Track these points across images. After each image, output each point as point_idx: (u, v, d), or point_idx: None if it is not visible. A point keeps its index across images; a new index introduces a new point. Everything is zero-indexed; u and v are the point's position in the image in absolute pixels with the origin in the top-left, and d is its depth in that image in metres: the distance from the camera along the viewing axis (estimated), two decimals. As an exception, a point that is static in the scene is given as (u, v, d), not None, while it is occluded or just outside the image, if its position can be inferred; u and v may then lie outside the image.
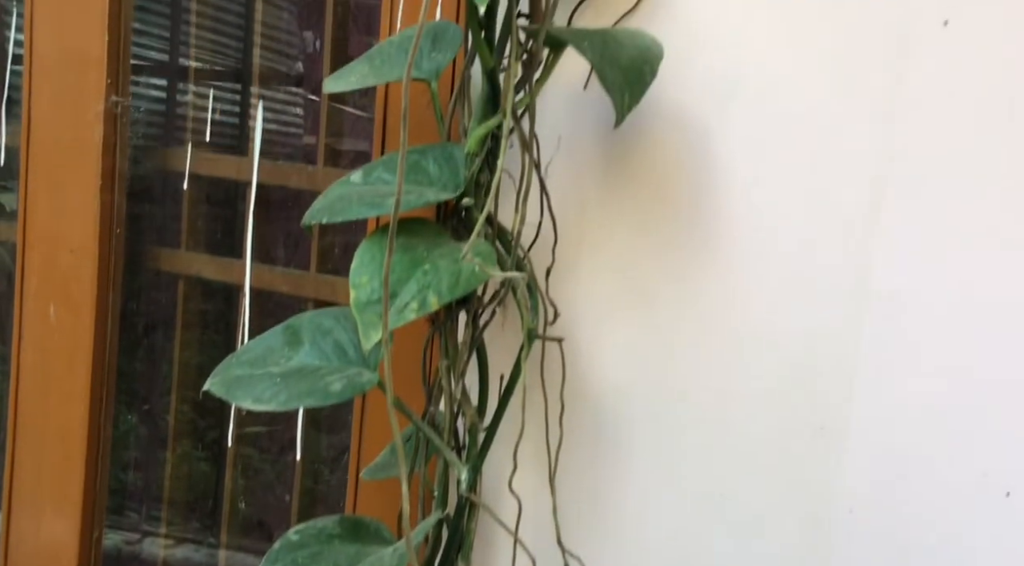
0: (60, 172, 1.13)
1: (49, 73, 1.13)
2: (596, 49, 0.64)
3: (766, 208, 0.69)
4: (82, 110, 1.10)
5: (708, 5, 0.71)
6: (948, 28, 0.59)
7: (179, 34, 1.30)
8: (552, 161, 0.75)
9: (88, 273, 1.10)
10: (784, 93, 0.67)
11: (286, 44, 1.31)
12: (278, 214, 1.16)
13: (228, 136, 1.23)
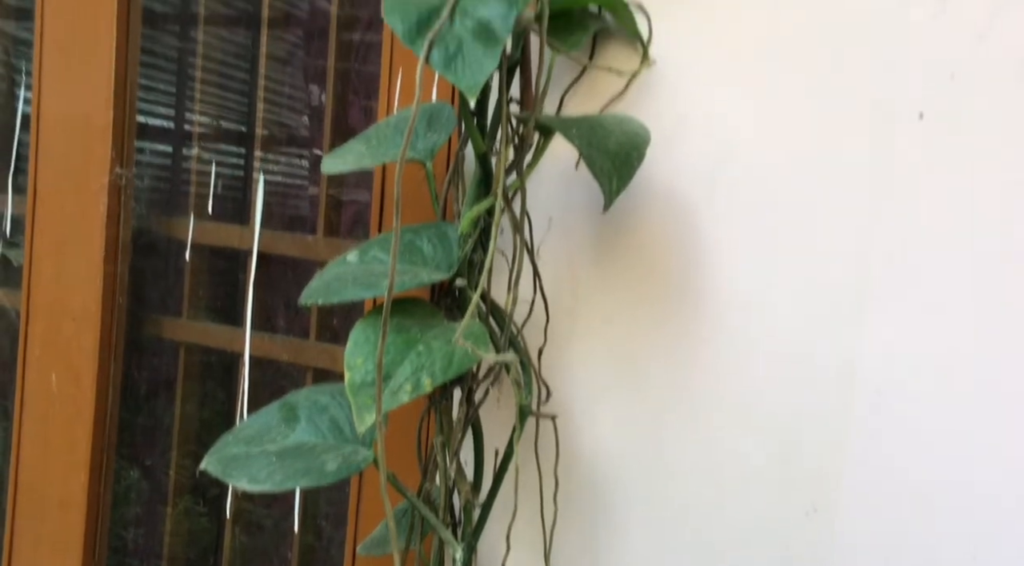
0: (64, 242, 1.15)
1: (55, 146, 1.16)
2: (584, 136, 0.65)
3: (754, 287, 0.70)
4: (87, 182, 1.13)
5: (694, 89, 0.73)
6: (923, 120, 0.61)
7: (184, 93, 1.33)
8: (544, 241, 0.76)
9: (90, 342, 1.11)
10: (769, 176, 0.69)
11: (290, 98, 1.34)
12: (278, 282, 1.18)
13: (232, 187, 1.25)
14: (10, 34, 1.49)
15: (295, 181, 1.32)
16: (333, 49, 1.15)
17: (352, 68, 1.19)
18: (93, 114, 1.12)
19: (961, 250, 0.62)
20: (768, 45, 0.69)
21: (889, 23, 0.64)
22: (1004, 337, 0.61)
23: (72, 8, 1.15)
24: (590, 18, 0.75)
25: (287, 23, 1.30)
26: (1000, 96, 0.60)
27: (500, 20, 0.60)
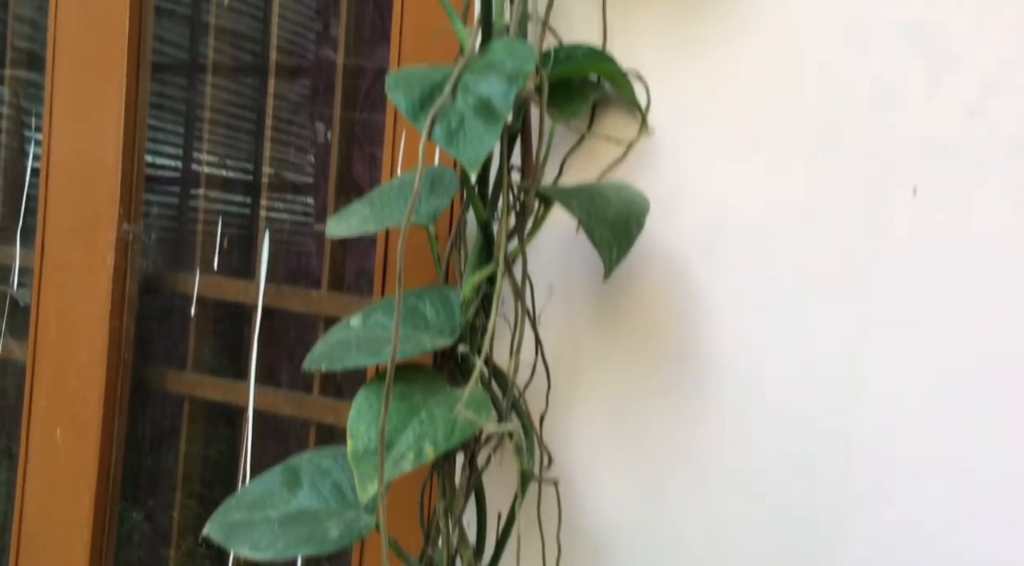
0: (71, 296, 1.16)
1: (63, 201, 1.17)
2: (584, 206, 0.66)
3: (753, 354, 0.70)
4: (94, 238, 1.14)
5: (692, 157, 0.74)
6: (917, 196, 0.62)
7: (192, 142, 1.35)
8: (545, 308, 0.77)
9: (95, 397, 1.12)
10: (766, 245, 0.70)
11: (297, 146, 1.36)
12: (282, 336, 1.18)
13: (239, 238, 1.26)
14: (22, 82, 1.52)
15: (300, 229, 1.34)
16: (339, 98, 1.17)
17: (358, 117, 1.21)
18: (101, 171, 1.14)
19: (957, 321, 0.62)
20: (765, 116, 0.70)
21: (883, 100, 0.65)
22: (1003, 406, 0.61)
23: (82, 59, 1.17)
24: (590, 87, 0.77)
25: (294, 72, 1.32)
26: (992, 172, 0.61)
27: (501, 97, 0.62)
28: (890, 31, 0.65)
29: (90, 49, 1.17)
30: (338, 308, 1.11)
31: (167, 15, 1.31)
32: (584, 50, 0.76)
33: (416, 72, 0.66)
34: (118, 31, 1.15)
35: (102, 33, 1.16)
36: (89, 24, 1.17)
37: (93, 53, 1.17)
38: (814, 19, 0.68)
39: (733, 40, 0.72)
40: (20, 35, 1.50)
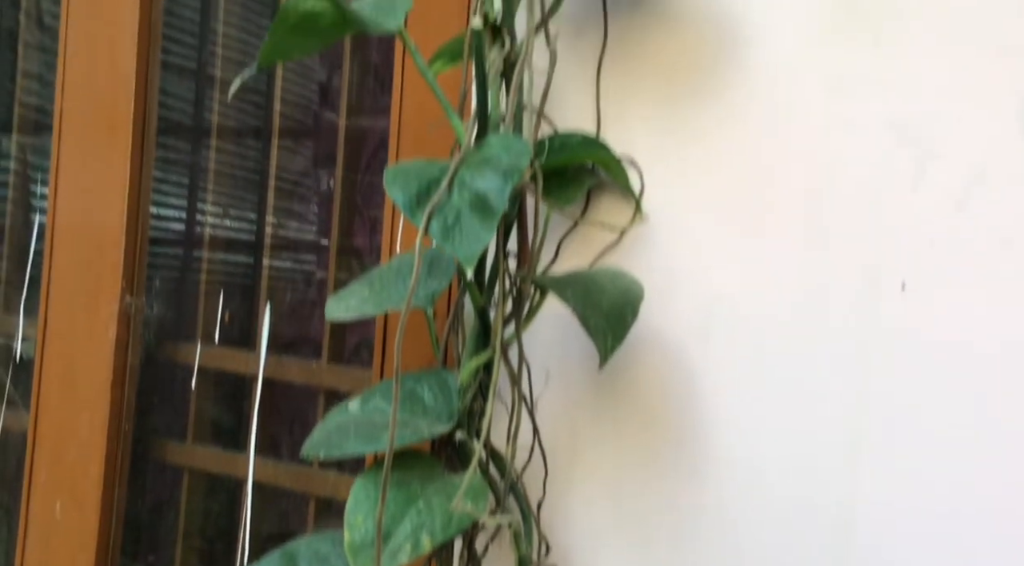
0: (73, 368, 1.17)
1: (67, 273, 1.18)
2: (579, 297, 0.67)
3: (751, 438, 0.70)
4: (97, 310, 1.15)
5: (685, 241, 0.75)
6: (906, 290, 0.63)
7: (195, 205, 1.36)
8: (542, 394, 0.78)
9: (95, 470, 1.12)
10: (760, 330, 0.71)
11: (300, 199, 1.37)
12: (283, 407, 1.19)
13: (240, 311, 1.27)
14: (30, 146, 1.55)
15: (303, 292, 1.34)
16: (340, 160, 1.18)
17: (360, 180, 1.23)
18: (106, 243, 1.16)
19: (950, 410, 0.63)
20: (756, 204, 0.72)
21: (871, 192, 0.66)
22: (998, 481, 0.61)
23: (88, 127, 1.19)
24: (585, 173, 0.78)
25: (297, 135, 1.34)
26: (979, 264, 0.62)
27: (496, 193, 0.63)
28: (875, 123, 0.67)
29: (96, 117, 1.19)
30: (338, 380, 1.11)
31: (174, 70, 1.33)
32: (578, 137, 0.78)
33: (413, 167, 0.67)
34: (123, 99, 1.17)
35: (108, 101, 1.19)
36: (95, 90, 1.20)
37: (99, 121, 1.19)
38: (800, 109, 0.70)
39: (723, 127, 0.74)
40: (28, 91, 1.53)
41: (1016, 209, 0.61)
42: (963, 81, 0.64)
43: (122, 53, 1.18)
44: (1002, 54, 0.62)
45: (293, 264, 1.34)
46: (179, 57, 1.33)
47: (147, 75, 1.19)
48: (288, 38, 0.70)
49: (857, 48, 0.68)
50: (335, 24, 0.69)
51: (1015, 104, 0.61)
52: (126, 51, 1.18)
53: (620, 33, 0.79)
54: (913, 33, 0.66)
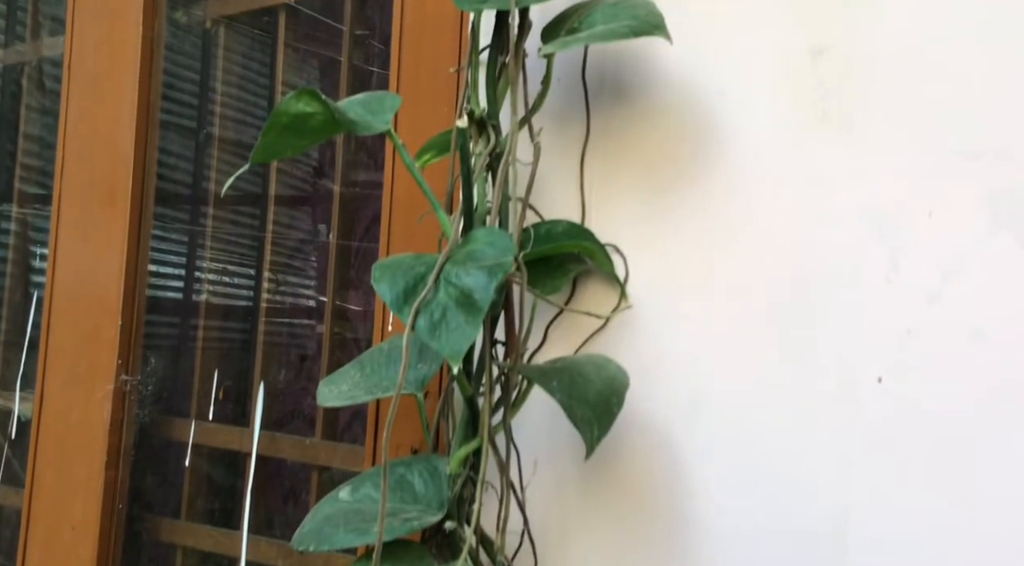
0: (67, 448, 1.17)
1: (63, 353, 1.20)
2: (564, 388, 0.68)
3: (739, 524, 0.71)
4: (92, 389, 1.16)
5: (669, 326, 0.76)
6: (883, 383, 0.64)
7: (192, 274, 1.38)
8: (531, 481, 0.78)
9: (88, 553, 1.11)
10: (743, 414, 0.72)
11: (298, 252, 1.38)
12: (277, 484, 1.19)
13: (236, 389, 1.27)
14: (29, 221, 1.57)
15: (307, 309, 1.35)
16: (335, 224, 1.20)
17: (356, 246, 1.24)
18: (103, 323, 1.17)
19: (928, 499, 0.64)
20: (737, 291, 0.73)
21: (847, 283, 0.68)
22: (979, 556, 0.62)
23: (87, 207, 1.21)
24: (570, 261, 0.80)
25: (294, 202, 1.36)
26: (953, 358, 0.63)
27: (481, 290, 0.65)
28: (849, 216, 0.69)
29: (95, 192, 1.22)
30: (332, 457, 1.12)
31: (172, 131, 1.35)
32: (563, 225, 0.80)
33: (401, 262, 0.69)
34: (122, 176, 1.19)
35: (107, 178, 1.21)
36: (94, 166, 1.22)
37: (98, 196, 1.21)
38: (777, 201, 0.72)
39: (704, 216, 0.76)
40: (29, 153, 1.56)
41: (987, 304, 0.62)
42: (933, 178, 0.66)
43: (121, 132, 1.21)
44: (972, 154, 0.64)
45: (288, 338, 1.36)
46: (178, 129, 1.36)
47: (145, 152, 1.22)
48: (280, 138, 0.72)
49: (830, 142, 0.70)
50: (326, 125, 0.72)
51: (985, 202, 0.63)
52: (125, 130, 1.21)
53: (602, 125, 0.81)
54: (884, 130, 0.68)
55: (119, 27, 1.22)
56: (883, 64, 0.68)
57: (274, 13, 1.23)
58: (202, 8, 1.28)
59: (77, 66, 1.26)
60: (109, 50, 1.23)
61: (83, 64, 1.26)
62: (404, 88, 0.95)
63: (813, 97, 0.71)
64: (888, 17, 0.68)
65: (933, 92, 0.67)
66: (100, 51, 1.24)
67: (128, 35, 1.21)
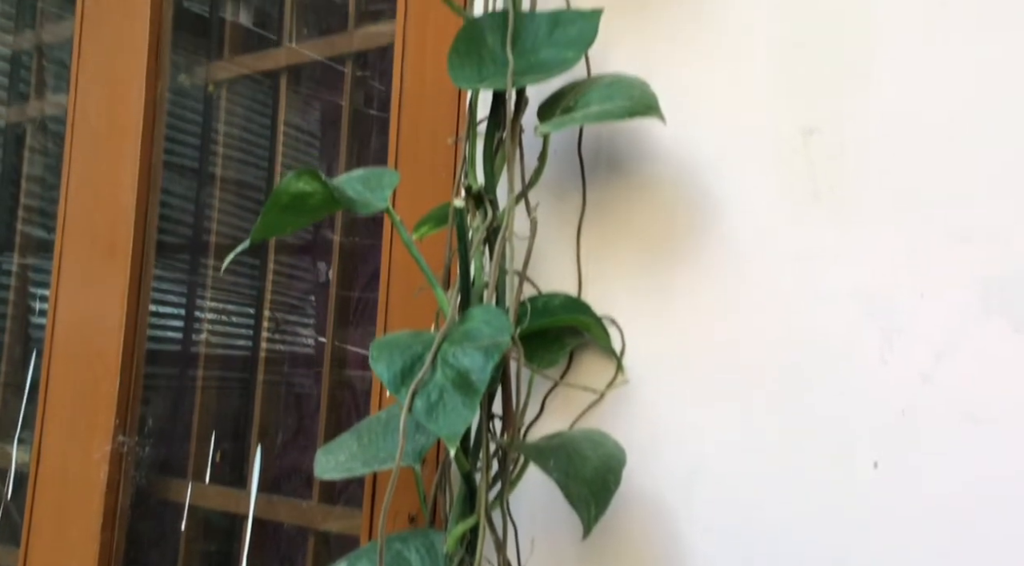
0: (64, 508, 1.16)
1: (61, 411, 1.20)
2: (561, 467, 0.69)
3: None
4: (90, 450, 1.16)
5: (666, 399, 0.77)
6: (878, 468, 0.65)
7: (191, 325, 1.38)
8: (528, 559, 0.78)
9: (82, 617, 1.11)
10: (742, 491, 0.72)
11: (299, 303, 1.38)
12: (273, 547, 1.18)
13: (232, 452, 1.27)
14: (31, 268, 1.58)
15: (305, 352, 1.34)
16: (335, 277, 1.21)
17: (356, 297, 1.24)
18: (102, 382, 1.17)
19: None
20: (733, 365, 0.74)
21: (842, 362, 0.68)
22: None
23: (88, 262, 1.22)
24: (568, 334, 0.81)
25: (292, 250, 1.36)
26: (947, 439, 0.63)
27: (478, 372, 0.65)
28: (842, 295, 0.69)
29: (96, 247, 1.23)
30: (328, 520, 1.11)
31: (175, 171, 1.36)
32: (560, 298, 0.80)
33: (399, 341, 0.70)
34: (123, 232, 1.20)
35: (108, 235, 1.22)
36: (95, 224, 1.23)
37: (99, 250, 1.22)
38: (771, 278, 0.73)
39: (698, 291, 0.76)
40: (31, 194, 1.57)
41: (980, 387, 0.63)
42: (925, 259, 0.66)
43: (123, 192, 1.22)
44: (962, 237, 0.65)
45: (287, 394, 1.35)
46: (181, 171, 1.37)
47: (147, 212, 1.23)
48: (280, 217, 0.73)
49: (822, 221, 0.71)
50: (325, 203, 0.73)
51: (976, 285, 0.64)
52: (127, 190, 1.22)
53: (598, 197, 0.82)
54: (875, 210, 0.69)
55: (122, 89, 1.24)
56: (873, 145, 0.69)
57: (276, 77, 1.25)
58: (204, 70, 1.30)
59: (80, 126, 1.28)
60: (112, 112, 1.24)
61: (86, 124, 1.27)
62: (403, 157, 0.96)
63: (805, 176, 0.72)
64: (877, 99, 0.70)
65: (923, 174, 0.68)
66: (103, 112, 1.26)
67: (131, 97, 1.23)
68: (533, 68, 0.76)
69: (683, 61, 0.78)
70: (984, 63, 0.66)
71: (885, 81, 0.70)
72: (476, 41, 0.78)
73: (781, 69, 0.74)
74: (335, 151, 1.27)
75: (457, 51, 0.78)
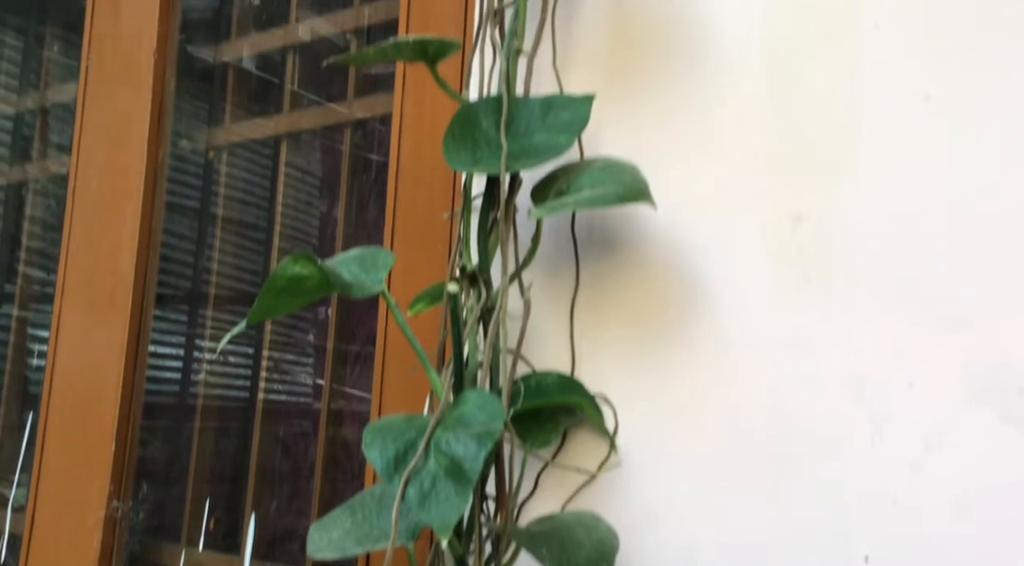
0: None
1: (56, 476, 1.19)
2: (555, 556, 0.69)
3: None
4: (84, 516, 1.16)
5: (659, 480, 0.77)
6: (869, 563, 0.65)
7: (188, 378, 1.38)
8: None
9: None
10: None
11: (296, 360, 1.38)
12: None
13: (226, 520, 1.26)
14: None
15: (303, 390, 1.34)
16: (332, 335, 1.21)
17: (352, 351, 1.25)
18: (96, 451, 1.17)
19: None
20: (725, 448, 0.74)
21: (832, 449, 0.69)
22: None
23: (87, 310, 1.23)
24: (561, 413, 0.81)
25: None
26: (937, 529, 0.64)
27: (471, 460, 0.65)
28: (833, 381, 0.70)
29: (94, 309, 1.23)
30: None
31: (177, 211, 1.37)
32: (554, 377, 0.81)
33: (392, 426, 0.70)
34: (121, 293, 1.21)
35: (107, 297, 1.23)
36: (95, 288, 1.24)
37: (99, 302, 1.23)
38: (762, 361, 0.73)
39: (691, 371, 0.77)
40: (32, 235, 1.58)
41: (969, 477, 0.63)
42: (913, 347, 0.67)
43: (123, 256, 1.23)
44: (949, 326, 0.66)
45: (284, 456, 1.35)
46: (182, 211, 1.39)
47: (146, 274, 1.24)
48: (276, 299, 0.74)
49: (811, 307, 0.72)
50: (320, 286, 0.74)
51: (963, 375, 0.65)
52: (126, 254, 1.23)
53: (592, 275, 0.83)
54: (863, 298, 0.70)
55: (124, 154, 1.25)
56: (860, 234, 0.71)
57: (275, 144, 1.27)
58: (205, 136, 1.32)
59: (82, 189, 1.29)
60: (113, 176, 1.26)
61: (88, 187, 1.29)
62: (399, 230, 0.98)
63: (794, 262, 0.73)
64: (864, 188, 0.71)
65: (909, 263, 0.69)
66: (104, 176, 1.27)
67: (132, 162, 1.24)
68: (527, 152, 0.77)
69: (674, 147, 0.80)
70: (965, 158, 0.68)
71: (870, 172, 0.71)
72: (471, 124, 0.80)
73: (770, 157, 0.76)
74: (333, 215, 1.28)
75: (452, 134, 0.80)
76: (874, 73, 0.72)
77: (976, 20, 0.69)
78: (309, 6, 1.28)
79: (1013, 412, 0.63)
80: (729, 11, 0.80)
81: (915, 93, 0.70)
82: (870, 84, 0.72)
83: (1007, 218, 0.66)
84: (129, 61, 1.27)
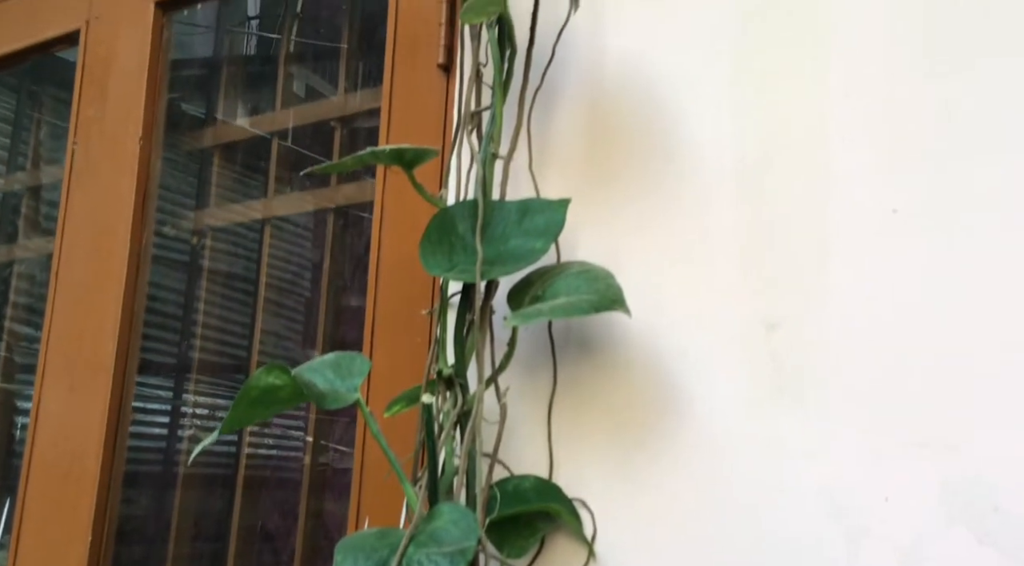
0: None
1: (35, 542, 1.17)
2: None
3: None
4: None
5: None
6: None
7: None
8: None
9: None
10: None
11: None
12: None
13: None
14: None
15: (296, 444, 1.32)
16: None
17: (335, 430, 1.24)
18: (75, 522, 1.16)
19: None
20: (705, 555, 0.73)
21: (808, 557, 0.68)
22: None
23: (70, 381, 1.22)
24: (539, 519, 0.80)
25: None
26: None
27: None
28: (809, 493, 0.69)
29: (76, 394, 1.22)
30: None
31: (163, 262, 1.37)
32: (531, 481, 0.80)
33: (364, 542, 0.69)
34: (102, 384, 1.20)
35: (89, 381, 1.22)
36: (76, 367, 1.23)
37: (79, 397, 1.22)
38: (739, 470, 0.73)
39: (670, 478, 0.76)
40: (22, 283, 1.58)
41: (947, 601, 0.63)
42: (887, 462, 0.67)
43: (104, 341, 1.23)
44: (922, 443, 0.66)
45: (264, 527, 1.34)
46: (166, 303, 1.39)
47: (127, 361, 1.23)
48: (249, 409, 0.73)
49: (786, 416, 0.72)
50: (294, 396, 0.73)
51: (938, 492, 0.64)
52: (108, 338, 1.23)
53: (569, 376, 0.83)
54: (836, 409, 0.70)
55: (108, 239, 1.26)
56: (832, 343, 0.71)
57: (259, 229, 1.28)
58: (189, 221, 1.33)
59: (65, 274, 1.29)
60: (97, 260, 1.26)
61: (71, 272, 1.29)
62: (379, 324, 0.97)
63: (767, 370, 0.73)
64: (835, 299, 0.71)
65: (880, 374, 0.69)
66: (88, 261, 1.27)
67: (116, 247, 1.24)
68: (502, 258, 0.78)
69: (649, 253, 0.80)
70: (935, 270, 0.68)
71: (841, 283, 0.71)
72: (447, 229, 0.81)
73: (743, 265, 0.76)
74: (316, 297, 1.29)
75: (429, 238, 0.80)
76: (843, 184, 0.73)
77: (936, 135, 0.70)
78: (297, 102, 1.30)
79: (990, 532, 0.62)
80: (702, 119, 0.81)
81: (883, 206, 0.71)
82: (839, 195, 0.73)
83: (978, 330, 0.66)
84: (115, 146, 1.28)
